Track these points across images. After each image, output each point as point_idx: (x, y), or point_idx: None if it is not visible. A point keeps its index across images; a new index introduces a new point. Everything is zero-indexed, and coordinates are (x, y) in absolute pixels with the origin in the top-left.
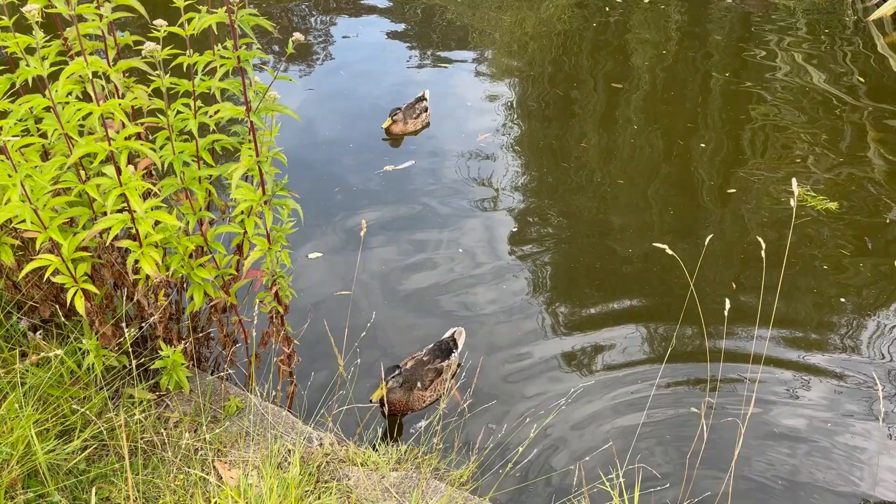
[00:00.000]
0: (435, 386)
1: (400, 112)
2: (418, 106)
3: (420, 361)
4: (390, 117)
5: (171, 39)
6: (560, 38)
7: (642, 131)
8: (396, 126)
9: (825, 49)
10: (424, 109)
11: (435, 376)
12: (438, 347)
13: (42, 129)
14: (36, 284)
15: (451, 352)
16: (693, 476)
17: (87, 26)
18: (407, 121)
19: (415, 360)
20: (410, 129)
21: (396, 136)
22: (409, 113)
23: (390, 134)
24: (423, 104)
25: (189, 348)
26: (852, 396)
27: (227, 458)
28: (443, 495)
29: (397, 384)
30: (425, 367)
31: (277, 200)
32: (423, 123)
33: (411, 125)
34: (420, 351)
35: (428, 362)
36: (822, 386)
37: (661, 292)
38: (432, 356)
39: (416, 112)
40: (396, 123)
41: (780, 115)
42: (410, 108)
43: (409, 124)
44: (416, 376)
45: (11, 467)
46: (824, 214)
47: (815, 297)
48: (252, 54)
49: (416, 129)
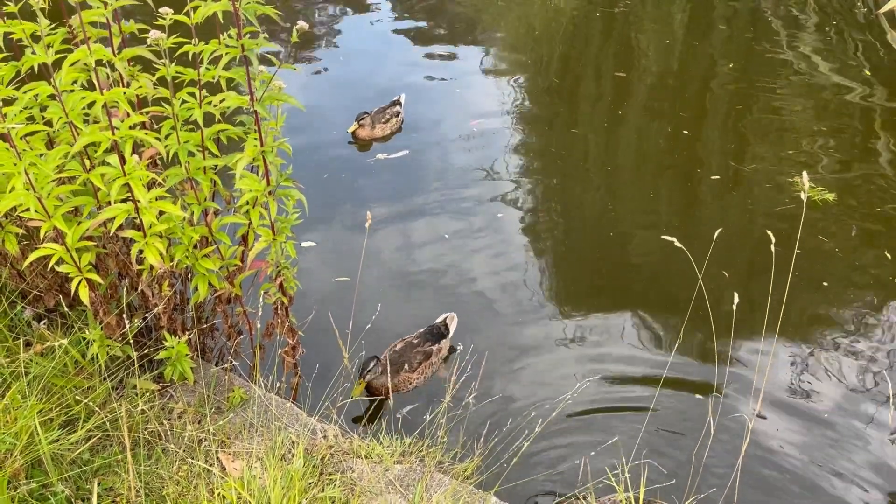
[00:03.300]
0: (423, 369)
1: (367, 116)
2: (390, 111)
3: (409, 344)
4: (357, 121)
5: (177, 28)
6: (565, 26)
7: (645, 121)
8: (363, 130)
9: (835, 41)
10: (396, 114)
11: (423, 359)
12: (430, 331)
13: (47, 117)
14: (40, 274)
15: (443, 336)
16: (699, 472)
17: (92, 14)
18: (375, 126)
19: (405, 342)
20: (378, 134)
21: (363, 140)
22: (378, 118)
23: (356, 139)
24: (396, 109)
25: (193, 339)
26: (864, 393)
27: (230, 450)
28: (447, 489)
29: (375, 375)
30: (414, 350)
31: (282, 191)
32: (392, 129)
33: (379, 130)
34: (411, 334)
35: (418, 345)
36: (832, 381)
37: (668, 285)
38: (422, 339)
39: (385, 117)
40: (363, 128)
41: (788, 106)
42: (381, 112)
43: (376, 129)
44: (405, 358)
45: (15, 457)
46: (834, 207)
47: (826, 292)
48: (256, 43)
49: (384, 134)
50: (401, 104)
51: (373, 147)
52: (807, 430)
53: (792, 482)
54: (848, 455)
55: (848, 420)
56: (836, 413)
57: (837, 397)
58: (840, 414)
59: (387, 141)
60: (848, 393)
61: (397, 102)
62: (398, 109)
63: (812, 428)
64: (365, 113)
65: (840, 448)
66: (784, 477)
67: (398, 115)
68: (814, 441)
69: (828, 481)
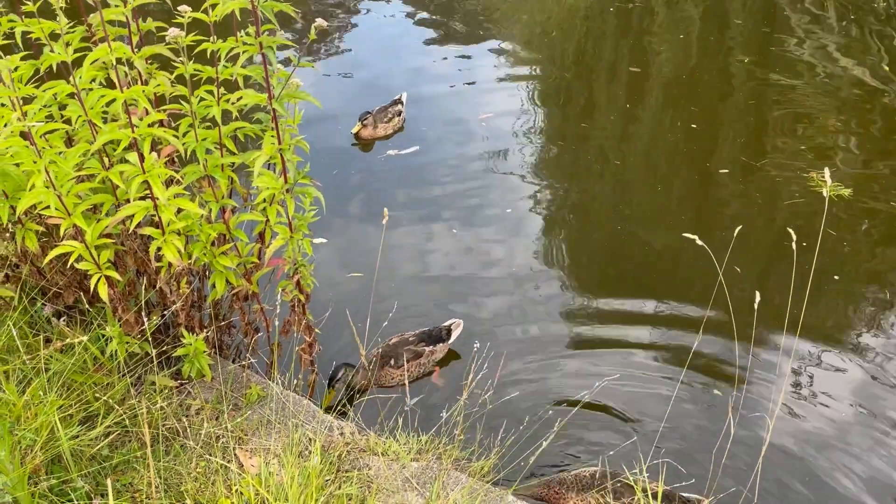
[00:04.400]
0: (410, 367)
1: (370, 116)
2: (391, 110)
3: (404, 340)
4: (360, 122)
5: (195, 26)
6: (579, 22)
7: (660, 116)
8: (366, 130)
9: (854, 35)
10: (398, 113)
11: (412, 357)
12: (428, 333)
13: (66, 115)
14: (60, 271)
15: (441, 340)
16: (719, 472)
17: (111, 12)
18: (377, 125)
19: (401, 338)
20: (381, 133)
21: (366, 140)
22: (381, 117)
23: (359, 139)
24: (398, 108)
25: (211, 336)
26: (886, 392)
27: (248, 446)
28: (464, 486)
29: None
30: (405, 347)
31: (299, 188)
32: (395, 128)
33: (381, 130)
34: (412, 331)
35: (411, 343)
36: (854, 381)
37: (684, 281)
38: (418, 339)
39: (388, 116)
40: (366, 128)
41: (804, 100)
42: (382, 111)
43: (378, 129)
44: (393, 353)
45: (35, 453)
46: (854, 203)
47: (848, 290)
48: (275, 41)
49: (386, 133)
50: (402, 103)
51: (383, 143)
52: (830, 432)
53: (808, 482)
54: (873, 459)
55: (874, 422)
56: (862, 414)
57: (863, 399)
58: (866, 415)
59: (388, 139)
60: (875, 395)
61: (399, 101)
62: (400, 108)
63: (835, 430)
64: (367, 113)
65: (864, 451)
66: (801, 476)
67: (400, 113)
68: (837, 443)
69: (843, 480)
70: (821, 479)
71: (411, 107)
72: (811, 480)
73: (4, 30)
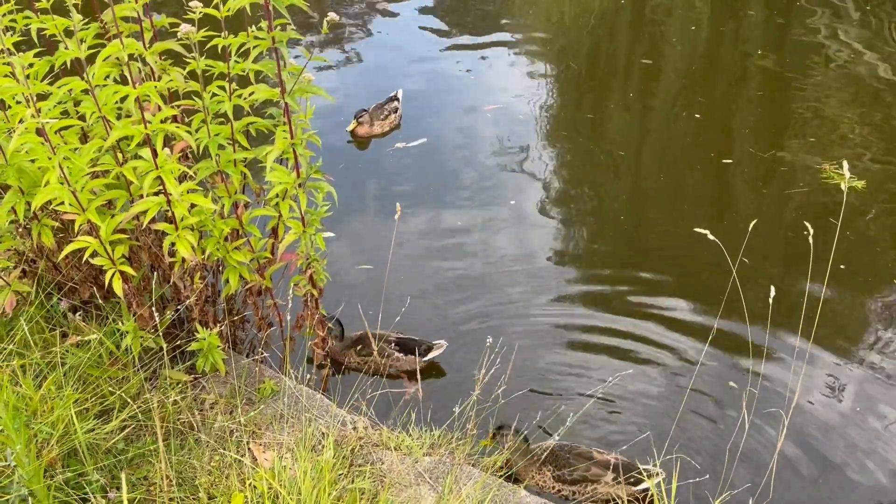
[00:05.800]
0: (369, 361)
1: (365, 114)
2: (388, 107)
3: (385, 336)
4: (355, 119)
5: (206, 21)
6: (591, 15)
7: (672, 109)
8: (362, 128)
9: (873, 26)
10: (395, 110)
11: (373, 353)
12: (406, 342)
13: (80, 111)
14: (75, 266)
15: (414, 354)
16: (733, 467)
17: (124, 8)
18: (373, 123)
19: (384, 333)
20: (377, 131)
21: (362, 138)
22: (377, 114)
23: (355, 137)
24: (394, 104)
25: (224, 331)
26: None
27: (261, 441)
28: (476, 481)
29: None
30: (381, 342)
31: (312, 183)
32: (391, 125)
33: (378, 127)
34: (401, 333)
35: (390, 343)
36: (869, 378)
37: (698, 276)
38: (396, 342)
39: (384, 113)
40: (362, 125)
41: (818, 93)
42: (379, 108)
43: (375, 126)
44: (366, 342)
45: (51, 446)
46: (872, 198)
47: (864, 287)
48: (286, 35)
49: (382, 131)
50: (398, 100)
51: (391, 137)
52: (845, 428)
53: (824, 477)
54: (882, 451)
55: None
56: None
57: (879, 395)
58: (881, 412)
59: (384, 137)
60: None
61: (395, 98)
62: (396, 105)
63: (851, 426)
64: (363, 110)
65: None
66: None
67: (396, 110)
68: (852, 440)
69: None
70: (836, 473)
71: (418, 98)
72: (826, 475)
73: (20, 27)
